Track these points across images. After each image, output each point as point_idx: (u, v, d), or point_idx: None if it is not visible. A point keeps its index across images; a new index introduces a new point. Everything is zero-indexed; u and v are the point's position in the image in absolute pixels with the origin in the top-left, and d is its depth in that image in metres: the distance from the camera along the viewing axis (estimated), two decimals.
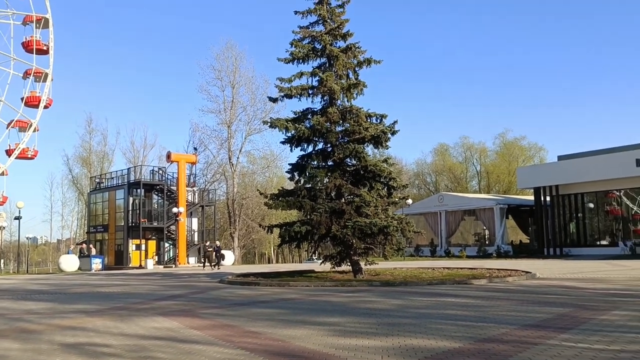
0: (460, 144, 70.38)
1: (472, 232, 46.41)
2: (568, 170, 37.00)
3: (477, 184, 69.95)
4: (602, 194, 37.35)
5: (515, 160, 65.05)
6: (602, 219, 38.66)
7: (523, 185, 43.41)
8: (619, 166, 33.93)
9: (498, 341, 7.25)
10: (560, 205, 38.27)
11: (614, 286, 14.81)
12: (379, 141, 19.91)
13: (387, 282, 17.20)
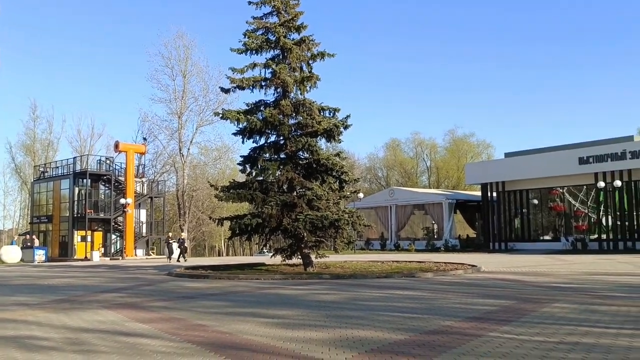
0: (412, 140, 71.45)
1: (421, 226, 47.20)
2: (514, 167, 38.03)
3: (427, 179, 71.10)
4: (546, 190, 38.55)
5: (464, 156, 66.43)
6: (545, 215, 39.92)
7: (471, 181, 44.38)
8: (562, 164, 35.09)
9: (443, 333, 7.38)
10: (506, 201, 39.31)
11: (555, 280, 15.32)
12: (332, 135, 19.96)
13: (337, 275, 17.31)
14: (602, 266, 20.11)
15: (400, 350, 6.35)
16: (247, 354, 6.35)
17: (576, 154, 34.56)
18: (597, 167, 33.66)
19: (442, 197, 42.50)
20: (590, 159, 33.92)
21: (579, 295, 11.53)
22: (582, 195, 36.85)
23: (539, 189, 38.75)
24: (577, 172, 34.63)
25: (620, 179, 32.59)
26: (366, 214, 44.87)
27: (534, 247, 35.97)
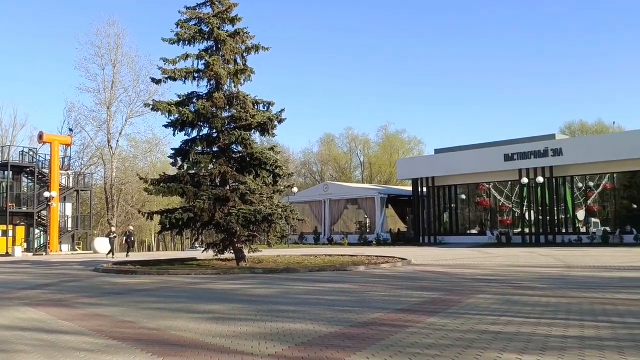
0: (345, 135, 72.15)
1: (354, 221, 47.78)
2: (443, 163, 39.10)
3: (361, 174, 72.00)
4: (473, 186, 39.83)
5: (396, 152, 67.70)
6: (472, 209, 41.28)
7: (402, 176, 45.30)
8: (489, 160, 36.37)
9: (373, 325, 7.50)
10: (435, 196, 40.37)
11: (480, 272, 15.86)
12: (266, 128, 19.85)
13: (270, 269, 17.27)
14: (524, 259, 21.00)
15: (330, 342, 6.41)
16: (175, 349, 6.24)
17: (502, 151, 35.89)
18: (521, 164, 35.08)
19: (375, 191, 43.16)
20: (514, 156, 35.30)
21: (502, 286, 11.99)
22: (507, 191, 38.32)
23: (467, 184, 39.99)
24: (502, 168, 35.98)
25: (542, 176, 34.08)
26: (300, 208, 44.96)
27: (462, 241, 37.14)
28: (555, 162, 33.83)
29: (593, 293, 10.48)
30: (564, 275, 14.32)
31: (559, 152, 33.61)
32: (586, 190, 35.23)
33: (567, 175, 34.76)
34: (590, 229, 33.84)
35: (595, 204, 34.97)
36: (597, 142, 36.61)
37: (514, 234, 35.75)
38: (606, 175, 34.13)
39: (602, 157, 32.23)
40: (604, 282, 12.61)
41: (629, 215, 33.51)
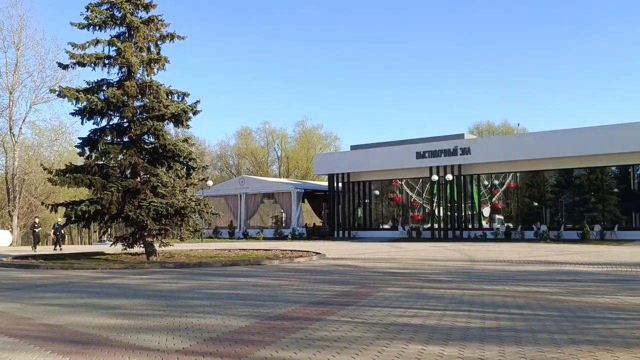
0: (263, 129, 71.75)
1: (270, 215, 47.65)
2: (359, 159, 39.75)
3: (278, 168, 71.92)
4: (387, 182, 40.78)
5: (313, 147, 68.13)
6: (386, 205, 42.27)
7: (319, 171, 45.65)
8: (402, 158, 37.32)
9: (284, 319, 7.50)
10: (350, 192, 40.99)
11: (391, 265, 16.27)
12: (180, 120, 19.37)
13: (182, 263, 16.91)
14: (432, 253, 21.75)
15: (239, 337, 6.34)
16: (77, 347, 5.96)
17: (414, 149, 36.93)
18: (432, 162, 36.25)
19: (292, 186, 43.24)
20: (426, 154, 36.43)
21: (411, 279, 12.35)
22: (419, 187, 39.53)
23: (381, 181, 40.87)
24: (414, 165, 37.03)
25: (451, 173, 35.40)
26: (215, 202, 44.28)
27: (375, 235, 37.94)
28: (463, 161, 35.22)
29: (495, 286, 11.00)
30: (468, 269, 14.94)
31: (467, 151, 35.00)
32: (492, 188, 36.97)
33: (475, 174, 36.30)
34: (495, 225, 35.57)
35: (499, 202, 36.77)
36: (503, 142, 38.46)
37: (424, 229, 36.94)
38: (510, 174, 35.93)
39: (507, 157, 33.87)
40: (505, 275, 13.27)
41: (530, 213, 35.49)
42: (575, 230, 30.18)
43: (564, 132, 32.75)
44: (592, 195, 33.03)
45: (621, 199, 32.23)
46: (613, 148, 29.85)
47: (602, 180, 32.92)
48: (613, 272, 13.50)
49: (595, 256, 18.67)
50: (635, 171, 31.83)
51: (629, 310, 7.91)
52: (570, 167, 33.00)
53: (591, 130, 31.59)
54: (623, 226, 30.74)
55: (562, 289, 10.50)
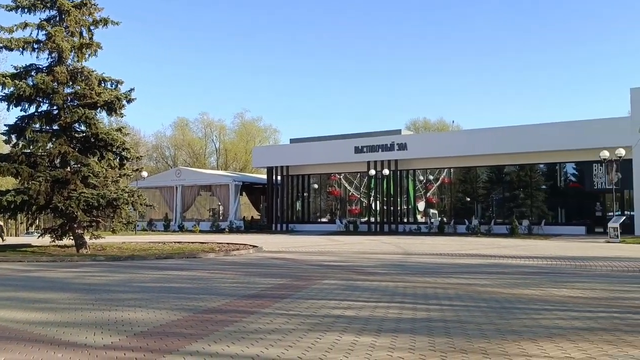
0: (201, 120, 70.55)
1: (207, 208, 47.03)
2: (298, 153, 39.79)
3: (216, 160, 71.01)
4: (325, 176, 41.02)
5: (253, 140, 67.63)
6: (324, 199, 42.53)
7: (258, 164, 45.37)
8: (340, 152, 37.61)
9: (218, 312, 7.41)
10: (289, 185, 41.00)
11: (327, 258, 16.38)
12: (113, 108, 18.81)
13: (113, 256, 16.45)
14: (368, 246, 22.05)
15: (171, 331, 6.23)
16: None
17: (353, 144, 37.29)
18: (369, 157, 36.72)
19: (229, 179, 42.79)
20: (364, 149, 36.86)
21: (346, 272, 12.47)
22: (357, 182, 39.97)
23: (320, 175, 41.07)
24: (353, 160, 37.40)
25: (388, 168, 35.97)
26: (150, 193, 43.31)
27: (313, 229, 38.11)
28: (400, 156, 35.83)
29: (427, 278, 11.26)
30: (403, 262, 15.24)
31: (404, 146, 35.63)
32: (427, 183, 37.82)
33: (411, 169, 37.02)
34: (429, 219, 36.44)
35: (434, 196, 37.67)
36: (438, 139, 39.38)
37: (361, 222, 37.40)
38: (445, 170, 36.85)
39: (441, 153, 34.73)
40: (437, 268, 13.61)
41: (462, 208, 36.54)
42: (505, 224, 31.27)
43: (495, 130, 33.84)
44: (522, 192, 34.31)
45: (548, 196, 33.65)
46: (541, 146, 31.10)
47: (531, 177, 34.24)
48: (539, 265, 14.07)
49: (522, 250, 19.41)
50: (561, 169, 33.28)
51: (552, 301, 8.27)
52: (501, 163, 34.18)
53: (521, 128, 32.79)
54: (549, 221, 32.11)
55: (491, 281, 10.87)
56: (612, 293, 9.11)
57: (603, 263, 14.31)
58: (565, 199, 33.08)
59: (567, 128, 30.77)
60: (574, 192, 32.83)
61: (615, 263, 14.27)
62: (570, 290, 9.38)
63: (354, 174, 39.74)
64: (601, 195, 31.44)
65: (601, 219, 30.51)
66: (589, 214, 31.77)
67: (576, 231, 30.29)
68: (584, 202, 32.38)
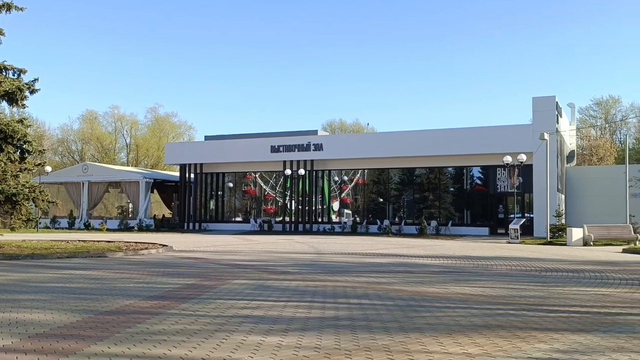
0: (111, 114, 67.89)
1: (116, 205, 45.44)
2: (213, 150, 39.21)
3: (127, 156, 68.65)
4: (241, 174, 40.70)
5: (166, 136, 65.92)
6: (239, 198, 42.19)
7: (170, 161, 44.30)
8: (257, 151, 37.44)
9: (121, 313, 7.16)
10: (203, 183, 40.33)
11: (239, 258, 16.24)
12: (14, 98, 17.71)
13: (11, 255, 15.49)
14: (282, 245, 22.07)
15: (69, 333, 5.94)
16: None
17: (269, 143, 37.23)
18: (286, 156, 36.81)
19: (140, 175, 41.50)
20: (280, 148, 36.90)
21: (258, 272, 12.42)
22: (272, 181, 39.94)
23: (235, 173, 40.70)
24: (269, 159, 37.35)
25: (304, 168, 36.21)
26: (55, 189, 41.32)
27: (227, 228, 37.70)
28: (316, 156, 36.18)
29: (338, 277, 11.41)
30: (315, 261, 15.36)
31: (320, 147, 35.99)
32: (341, 183, 38.40)
33: (326, 169, 37.46)
34: (343, 219, 37.01)
35: (348, 197, 38.32)
36: (353, 140, 40.07)
37: (276, 222, 37.41)
38: (359, 171, 37.58)
39: (356, 154, 35.39)
40: (348, 267, 13.84)
41: (376, 208, 37.41)
42: (415, 225, 32.29)
43: (407, 134, 34.87)
44: (431, 193, 35.57)
45: (455, 198, 35.11)
46: (450, 150, 32.40)
47: (440, 180, 35.58)
48: (444, 265, 14.62)
49: (429, 249, 20.11)
50: (468, 172, 34.79)
51: (454, 299, 8.60)
52: (412, 166, 35.29)
53: (431, 132, 34.01)
54: (456, 222, 33.51)
55: (399, 279, 11.18)
56: (509, 291, 9.60)
57: (503, 263, 15.07)
58: (470, 201, 34.62)
59: (474, 133, 32.23)
60: (479, 194, 34.43)
61: (514, 263, 15.06)
62: (472, 288, 9.80)
63: (270, 173, 39.69)
64: (504, 198, 33.15)
65: (503, 220, 32.17)
66: (492, 216, 33.43)
67: (480, 232, 31.78)
68: (488, 204, 34.03)
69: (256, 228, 36.81)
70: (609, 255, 18.36)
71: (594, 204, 31.18)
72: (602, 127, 57.69)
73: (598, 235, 23.71)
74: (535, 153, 28.48)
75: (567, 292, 9.48)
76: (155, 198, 44.62)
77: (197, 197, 40.06)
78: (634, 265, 14.64)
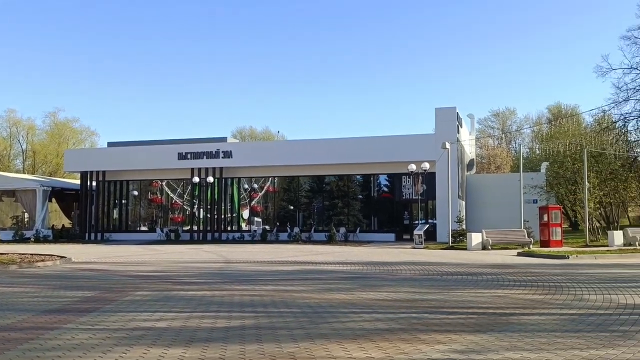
0: (6, 118, 63.79)
1: (10, 215, 42.59)
2: (116, 158, 37.70)
3: (22, 163, 64.73)
4: (147, 182, 39.41)
5: (66, 142, 62.71)
6: (145, 206, 40.82)
7: (70, 168, 42.16)
8: (163, 158, 36.40)
9: (13, 329, 6.74)
10: (106, 191, 38.70)
11: (144, 269, 15.70)
12: None
13: None
14: (189, 255, 21.57)
15: None
16: None
17: (176, 150, 36.31)
18: (194, 163, 36.04)
19: (37, 183, 39.17)
20: (188, 155, 36.08)
21: (162, 282, 12.07)
22: (180, 189, 38.99)
23: (140, 181, 39.34)
24: (176, 166, 36.39)
25: (213, 176, 35.61)
26: None
27: (131, 238, 36.34)
28: (225, 164, 35.69)
29: (245, 286, 11.31)
30: (222, 270, 15.13)
31: (229, 154, 35.55)
32: (251, 191, 38.11)
33: (236, 177, 37.03)
34: (253, 227, 36.73)
35: (259, 205, 38.08)
36: (263, 148, 39.95)
37: (183, 231, 36.51)
38: (269, 178, 37.47)
39: (266, 162, 35.25)
40: (256, 275, 13.75)
41: (286, 216, 37.41)
42: (325, 232, 32.58)
43: (317, 142, 35.21)
44: (340, 201, 36.08)
45: (363, 205, 35.81)
46: (358, 158, 33.03)
47: (349, 187, 36.16)
48: (351, 270, 14.86)
49: (338, 256, 20.38)
50: (375, 180, 35.61)
51: (360, 304, 8.76)
52: (322, 174, 35.66)
53: (340, 141, 34.53)
54: (364, 229, 34.16)
55: (306, 287, 11.23)
56: (412, 295, 9.90)
57: (407, 267, 15.54)
58: (378, 208, 35.45)
59: (381, 142, 33.07)
60: (386, 201, 35.33)
61: (417, 267, 15.57)
62: (377, 293, 10.03)
63: (178, 181, 38.74)
64: (409, 205, 34.19)
65: (408, 226, 33.15)
66: (398, 222, 34.39)
67: (387, 238, 32.60)
68: (394, 211, 34.98)
69: (162, 238, 35.76)
70: (505, 258, 19.39)
71: (492, 210, 32.82)
72: (499, 137, 61.04)
73: (496, 240, 25.01)
74: (438, 161, 29.63)
75: (465, 294, 9.90)
76: (53, 207, 42.24)
77: (99, 206, 38.35)
78: (527, 267, 15.55)
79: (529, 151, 57.62)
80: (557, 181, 31.82)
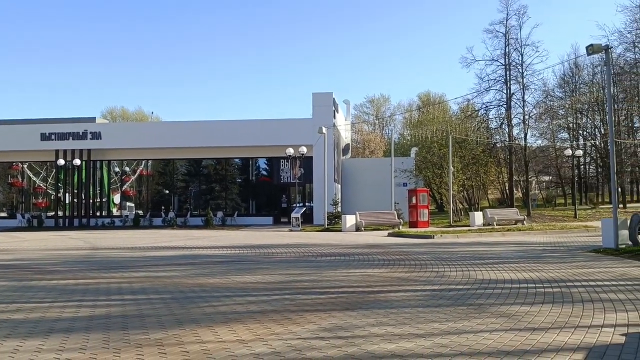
0: None
1: None
2: None
3: None
4: (6, 165, 36.44)
5: None
6: (5, 191, 37.73)
7: None
8: (24, 139, 33.77)
9: None
10: None
11: (5, 257, 14.58)
12: None
13: None
14: (53, 242, 20.28)
15: None
16: None
17: (39, 130, 33.83)
18: (58, 145, 33.77)
19: None
20: (52, 136, 33.74)
21: (20, 271, 11.25)
22: (44, 172, 36.43)
23: None
24: (39, 148, 33.93)
25: (80, 158, 33.62)
26: None
27: None
28: (94, 146, 33.81)
29: (114, 273, 10.83)
30: (89, 257, 14.40)
31: (98, 135, 33.71)
32: (123, 175, 36.47)
33: (106, 159, 35.25)
34: (124, 212, 35.22)
35: (131, 189, 36.52)
36: (136, 129, 38.27)
37: (47, 217, 34.23)
38: (143, 161, 36.04)
39: (139, 144, 33.82)
40: (126, 262, 13.21)
41: (161, 200, 36.24)
42: (201, 216, 32.04)
43: (194, 124, 34.37)
44: (218, 184, 35.60)
45: (242, 189, 35.62)
46: (237, 141, 32.68)
47: (227, 171, 35.77)
48: (227, 254, 14.74)
49: (214, 240, 20.13)
50: (254, 164, 35.51)
51: (234, 288, 8.71)
52: (199, 157, 34.93)
53: (219, 124, 33.95)
54: (242, 213, 34.02)
55: (179, 272, 10.98)
56: (287, 277, 10.01)
57: (283, 250, 15.69)
58: (256, 192, 35.44)
59: (261, 126, 32.97)
60: (264, 185, 35.40)
61: (293, 250, 15.77)
62: (252, 276, 10.03)
63: (41, 164, 36.17)
64: (287, 189, 34.53)
65: (286, 210, 33.49)
66: (276, 206, 34.62)
67: (265, 221, 32.73)
68: (272, 194, 35.15)
69: (24, 224, 33.30)
70: (377, 239, 20.20)
71: (366, 193, 34.03)
72: (374, 122, 63.22)
73: (368, 221, 25.97)
74: (315, 145, 30.12)
75: (337, 274, 10.18)
76: None
77: None
78: (396, 247, 16.30)
79: (400, 137, 60.32)
80: (425, 165, 33.60)
